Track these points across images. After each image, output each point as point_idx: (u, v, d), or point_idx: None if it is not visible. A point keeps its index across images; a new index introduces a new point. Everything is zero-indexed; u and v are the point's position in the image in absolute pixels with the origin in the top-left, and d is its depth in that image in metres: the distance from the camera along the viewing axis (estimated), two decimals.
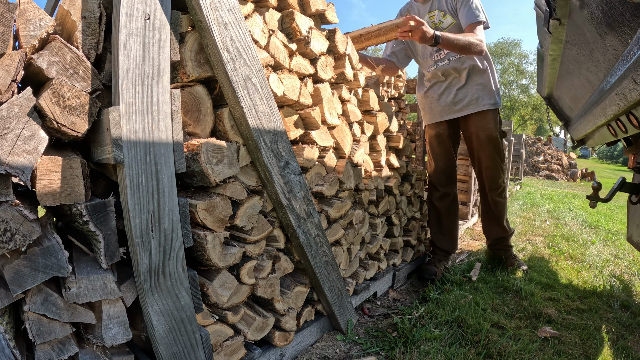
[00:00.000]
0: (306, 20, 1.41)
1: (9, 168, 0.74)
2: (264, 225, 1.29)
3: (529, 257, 2.84)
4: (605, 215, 5.11)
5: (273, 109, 1.24)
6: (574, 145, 2.37)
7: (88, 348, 0.92)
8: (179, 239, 1.01)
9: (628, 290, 2.25)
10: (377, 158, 1.89)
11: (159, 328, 0.98)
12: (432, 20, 2.17)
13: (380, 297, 2.05)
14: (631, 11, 0.77)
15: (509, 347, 1.51)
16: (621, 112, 1.06)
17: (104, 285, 0.88)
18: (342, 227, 1.63)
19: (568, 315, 1.85)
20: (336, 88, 1.61)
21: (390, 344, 1.56)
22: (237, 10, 1.12)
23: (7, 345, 0.78)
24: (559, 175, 12.22)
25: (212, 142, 1.07)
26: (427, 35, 1.78)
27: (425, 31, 1.77)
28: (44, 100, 0.79)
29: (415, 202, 2.35)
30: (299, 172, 1.34)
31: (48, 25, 0.83)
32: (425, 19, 2.18)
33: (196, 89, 1.11)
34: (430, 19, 2.17)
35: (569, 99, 1.95)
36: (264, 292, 1.28)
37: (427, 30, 1.78)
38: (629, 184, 1.73)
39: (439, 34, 1.82)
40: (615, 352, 1.55)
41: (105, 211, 0.89)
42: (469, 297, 1.97)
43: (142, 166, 0.92)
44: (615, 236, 3.71)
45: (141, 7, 0.92)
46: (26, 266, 0.78)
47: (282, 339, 1.36)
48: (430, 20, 2.17)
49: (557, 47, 1.55)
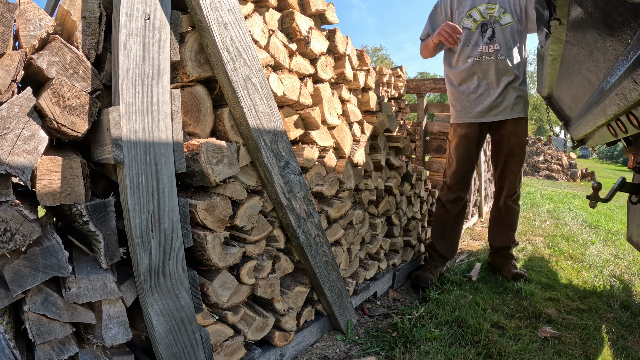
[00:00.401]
0: (306, 20, 1.41)
1: (9, 168, 0.74)
2: (264, 225, 1.28)
3: (529, 257, 2.84)
4: (605, 215, 5.11)
5: (273, 109, 1.24)
6: (574, 145, 2.37)
7: (88, 348, 0.92)
8: (179, 239, 1.01)
9: (628, 290, 2.25)
10: (377, 158, 1.89)
11: (159, 328, 0.98)
12: (489, 12, 2.08)
13: (380, 297, 2.05)
14: (631, 11, 0.77)
15: (509, 347, 1.51)
16: (621, 112, 1.06)
17: (104, 285, 0.88)
18: (342, 227, 1.63)
19: (568, 315, 1.85)
20: (336, 88, 1.61)
21: (390, 344, 1.56)
22: (237, 10, 1.12)
23: (7, 345, 0.78)
24: (559, 175, 12.22)
25: (212, 142, 1.07)
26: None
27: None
28: (44, 100, 0.79)
29: (415, 202, 2.35)
30: (299, 172, 1.34)
31: (48, 25, 0.83)
32: (482, 8, 2.09)
33: (196, 89, 1.11)
34: (488, 10, 2.08)
35: (569, 99, 1.95)
36: (264, 292, 1.28)
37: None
38: (629, 184, 1.73)
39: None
40: (615, 352, 1.55)
41: (105, 211, 0.89)
42: (469, 297, 1.97)
43: (142, 166, 0.92)
44: (615, 236, 3.71)
45: (141, 7, 0.92)
46: (26, 266, 0.78)
47: (282, 339, 1.36)
48: (487, 11, 2.08)
49: (557, 47, 1.55)
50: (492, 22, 2.08)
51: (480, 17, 2.11)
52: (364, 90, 1.79)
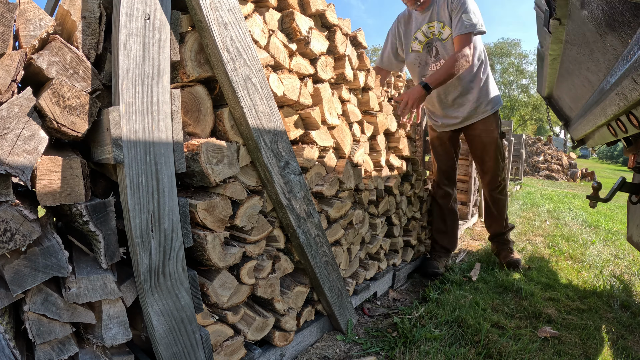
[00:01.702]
0: (306, 21, 1.41)
1: (9, 168, 0.74)
2: (264, 225, 1.28)
3: (529, 257, 2.84)
4: (605, 215, 5.11)
5: (273, 109, 1.24)
6: (574, 145, 2.37)
7: (88, 348, 0.92)
8: (179, 239, 1.01)
9: (628, 290, 2.25)
10: (377, 158, 1.89)
11: (159, 328, 0.98)
12: (431, 31, 2.16)
13: (380, 297, 2.05)
14: (631, 11, 0.77)
15: (509, 347, 1.51)
16: (621, 112, 1.06)
17: (104, 285, 0.88)
18: (342, 227, 1.63)
19: (568, 315, 1.85)
20: (336, 88, 1.61)
21: (390, 344, 1.56)
22: (237, 10, 1.12)
23: (7, 345, 0.78)
24: (559, 175, 12.22)
25: (212, 142, 1.07)
26: (420, 95, 1.91)
27: (416, 98, 1.91)
28: (44, 100, 0.79)
29: (415, 202, 2.35)
30: (299, 172, 1.34)
31: (48, 25, 0.83)
32: (424, 29, 2.18)
33: (196, 89, 1.11)
34: (430, 29, 2.16)
35: (569, 98, 1.95)
36: (264, 292, 1.28)
37: (416, 94, 1.91)
38: (629, 184, 1.73)
39: (427, 83, 1.91)
40: (615, 352, 1.55)
41: (105, 211, 0.89)
42: (469, 297, 1.96)
43: (142, 166, 0.92)
44: (615, 236, 3.71)
45: (141, 7, 0.92)
46: (26, 266, 0.78)
47: (282, 339, 1.36)
48: (429, 30, 2.16)
49: (557, 47, 1.55)
50: (434, 40, 2.15)
51: (424, 37, 2.19)
52: (364, 90, 1.79)
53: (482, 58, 2.20)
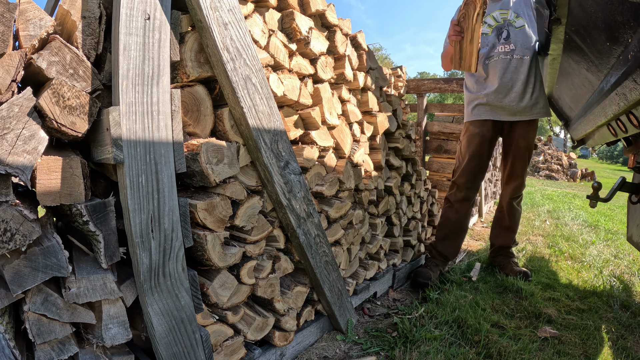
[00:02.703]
0: (306, 21, 1.41)
1: (9, 168, 0.74)
2: (264, 225, 1.28)
3: (529, 257, 2.84)
4: (605, 215, 5.11)
5: (273, 109, 1.24)
6: (574, 145, 2.37)
7: (88, 348, 0.92)
8: (179, 239, 1.01)
9: (628, 290, 2.25)
10: (377, 158, 1.89)
11: (159, 328, 0.98)
12: (502, 17, 2.15)
13: (380, 297, 2.05)
14: (631, 11, 0.77)
15: (509, 347, 1.51)
16: (621, 112, 1.06)
17: (104, 285, 0.88)
18: (342, 227, 1.63)
19: (568, 315, 1.85)
20: (336, 88, 1.61)
21: (390, 344, 1.56)
22: (237, 10, 1.12)
23: (7, 345, 0.78)
24: (559, 175, 12.22)
25: (212, 142, 1.07)
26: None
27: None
28: (44, 100, 0.79)
29: (415, 202, 2.35)
30: (299, 172, 1.34)
31: (48, 25, 0.83)
32: (495, 14, 2.16)
33: (196, 89, 1.11)
34: (502, 15, 2.15)
35: (569, 98, 1.95)
36: (264, 292, 1.28)
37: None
38: (629, 184, 1.73)
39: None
40: (615, 352, 1.55)
41: (105, 211, 0.89)
42: (469, 297, 1.96)
43: (142, 166, 0.92)
44: (615, 236, 3.71)
45: (141, 7, 0.92)
46: (26, 266, 0.78)
47: (282, 339, 1.36)
48: (501, 16, 2.15)
49: (557, 47, 1.55)
50: (506, 25, 2.14)
51: (495, 22, 2.18)
52: (364, 90, 1.79)
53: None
